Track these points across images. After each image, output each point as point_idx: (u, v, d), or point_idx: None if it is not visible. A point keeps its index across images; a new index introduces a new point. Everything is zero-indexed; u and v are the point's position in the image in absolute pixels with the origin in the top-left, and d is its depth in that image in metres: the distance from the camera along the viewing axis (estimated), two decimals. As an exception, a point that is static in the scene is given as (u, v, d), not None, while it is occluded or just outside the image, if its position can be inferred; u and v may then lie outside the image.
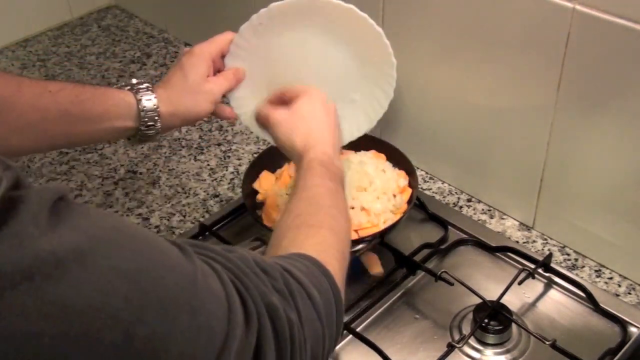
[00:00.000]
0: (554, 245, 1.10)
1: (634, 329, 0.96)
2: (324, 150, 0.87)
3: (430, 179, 1.23)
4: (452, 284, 0.98)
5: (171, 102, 0.91)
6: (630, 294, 1.02)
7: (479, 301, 0.96)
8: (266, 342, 0.57)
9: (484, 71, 1.05)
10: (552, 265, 1.03)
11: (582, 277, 1.03)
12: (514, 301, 0.99)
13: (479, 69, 1.06)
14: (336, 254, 0.72)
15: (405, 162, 1.10)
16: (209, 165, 1.30)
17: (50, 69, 1.58)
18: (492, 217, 1.15)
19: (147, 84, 0.91)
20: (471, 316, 0.96)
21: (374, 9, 1.14)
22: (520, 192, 1.11)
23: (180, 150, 1.34)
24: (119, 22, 1.76)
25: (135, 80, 0.91)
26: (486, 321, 0.94)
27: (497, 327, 0.94)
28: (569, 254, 1.08)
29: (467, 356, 0.94)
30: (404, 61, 1.16)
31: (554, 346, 0.90)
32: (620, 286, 1.03)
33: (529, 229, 1.12)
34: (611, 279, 1.04)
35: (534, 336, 0.93)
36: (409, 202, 1.05)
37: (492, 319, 0.94)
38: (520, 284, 0.99)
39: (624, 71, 0.89)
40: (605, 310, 0.98)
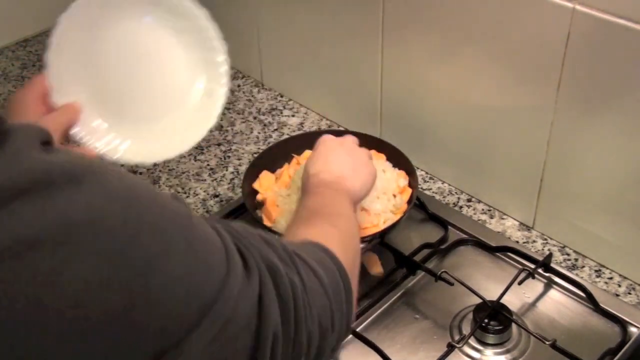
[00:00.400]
0: (554, 245, 1.10)
1: (634, 329, 0.96)
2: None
3: (430, 179, 1.23)
4: (452, 284, 0.98)
5: None
6: (630, 294, 1.02)
7: (479, 301, 0.96)
8: (267, 294, 0.56)
9: (484, 71, 1.05)
10: (552, 265, 1.03)
11: (582, 277, 1.03)
12: (514, 301, 0.99)
13: (479, 69, 1.06)
14: (342, 242, 0.72)
15: (405, 162, 1.10)
16: (209, 165, 1.30)
17: (50, 69, 1.58)
18: (492, 217, 1.15)
19: None
20: (471, 316, 0.96)
21: (374, 9, 1.14)
22: (520, 192, 1.11)
23: (180, 150, 1.34)
24: (119, 22, 1.75)
25: None
26: (486, 321, 0.94)
27: (497, 327, 0.94)
28: (569, 254, 1.08)
29: (467, 356, 0.94)
30: (404, 61, 1.16)
31: (554, 346, 0.90)
32: (620, 286, 1.03)
33: (529, 229, 1.12)
34: (611, 279, 1.04)
35: (534, 336, 0.93)
36: (409, 202, 1.05)
37: (492, 319, 0.94)
38: (520, 284, 0.99)
39: (624, 71, 0.89)
40: (605, 310, 0.98)
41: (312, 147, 1.13)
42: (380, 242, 1.04)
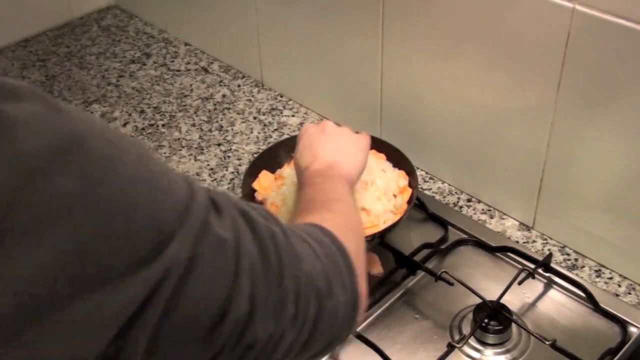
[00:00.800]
0: (554, 245, 1.10)
1: (634, 329, 0.96)
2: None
3: (430, 179, 1.23)
4: (452, 284, 0.98)
5: None
6: (630, 294, 1.02)
7: (479, 301, 0.96)
8: (242, 233, 0.53)
9: (484, 71, 1.05)
10: (552, 265, 1.03)
11: (582, 277, 1.03)
12: (514, 301, 0.99)
13: (479, 69, 1.06)
14: (342, 226, 0.69)
15: (405, 162, 1.10)
16: (209, 165, 1.30)
17: (50, 69, 1.58)
18: (492, 217, 1.15)
19: None
20: (471, 316, 0.96)
21: (374, 9, 1.14)
22: (520, 192, 1.11)
23: (180, 150, 1.34)
24: (119, 22, 1.76)
25: None
26: (486, 321, 0.94)
27: (497, 327, 0.94)
28: (569, 254, 1.08)
29: (467, 356, 0.94)
30: (404, 60, 1.16)
31: (554, 346, 0.90)
32: (620, 286, 1.03)
33: (529, 229, 1.12)
34: (611, 279, 1.04)
35: (534, 336, 0.93)
36: (409, 202, 1.05)
37: (492, 319, 0.94)
38: (520, 284, 0.99)
39: (624, 71, 0.89)
40: (605, 310, 0.98)
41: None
42: (380, 242, 1.04)
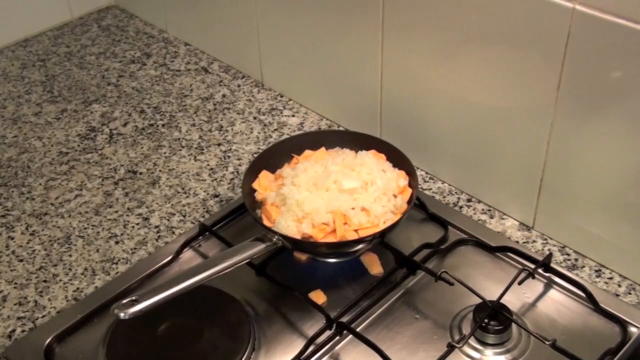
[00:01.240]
0: (554, 245, 1.10)
1: (634, 329, 0.96)
2: None
3: (430, 179, 1.23)
4: (452, 284, 0.98)
5: None
6: (630, 294, 1.02)
7: (479, 301, 0.96)
8: None
9: (484, 71, 1.05)
10: (552, 265, 1.03)
11: (582, 277, 1.03)
12: (514, 301, 0.99)
13: (478, 68, 1.06)
14: None
15: (405, 162, 1.10)
16: (209, 165, 1.30)
17: (50, 69, 1.58)
18: (492, 217, 1.15)
19: None
20: (471, 316, 0.96)
21: (374, 9, 1.14)
22: (520, 192, 1.11)
23: (180, 150, 1.34)
24: (119, 22, 1.76)
25: None
26: (486, 321, 0.94)
27: (497, 327, 0.94)
28: (569, 254, 1.08)
29: (467, 356, 0.94)
30: (404, 60, 1.16)
31: (554, 346, 0.90)
32: (620, 286, 1.03)
33: (529, 229, 1.12)
34: (611, 279, 1.04)
35: (534, 336, 0.93)
36: (409, 202, 1.05)
37: (492, 319, 0.94)
38: (520, 284, 0.99)
39: (624, 71, 0.89)
40: (605, 310, 0.98)
41: (312, 147, 1.13)
42: (380, 242, 1.04)
